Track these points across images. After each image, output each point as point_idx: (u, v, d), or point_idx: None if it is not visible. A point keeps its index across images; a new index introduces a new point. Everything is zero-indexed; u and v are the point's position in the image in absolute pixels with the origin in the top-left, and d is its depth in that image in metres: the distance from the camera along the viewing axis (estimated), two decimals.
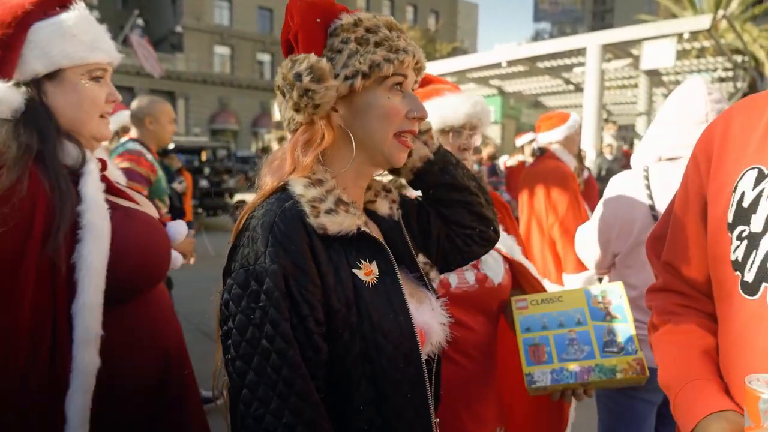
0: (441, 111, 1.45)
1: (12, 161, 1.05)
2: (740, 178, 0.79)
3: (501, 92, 12.60)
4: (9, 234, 1.00)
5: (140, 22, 19.98)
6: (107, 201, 1.16)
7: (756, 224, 0.74)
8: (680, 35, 8.15)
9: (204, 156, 12.54)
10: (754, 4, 19.68)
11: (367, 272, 0.90)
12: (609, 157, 8.08)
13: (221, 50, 34.13)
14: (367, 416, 0.86)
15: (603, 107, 10.87)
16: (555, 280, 3.07)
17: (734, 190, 0.79)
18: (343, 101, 0.90)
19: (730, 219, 0.79)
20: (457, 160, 1.11)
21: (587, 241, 1.99)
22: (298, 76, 0.86)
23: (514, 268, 1.56)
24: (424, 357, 0.92)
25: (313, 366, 0.83)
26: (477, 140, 1.55)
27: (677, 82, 11.52)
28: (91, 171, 1.17)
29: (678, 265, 0.93)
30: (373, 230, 0.99)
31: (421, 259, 1.08)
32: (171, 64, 31.46)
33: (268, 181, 0.92)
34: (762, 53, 16.42)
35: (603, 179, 7.28)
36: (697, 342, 0.86)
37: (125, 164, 2.68)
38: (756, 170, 0.77)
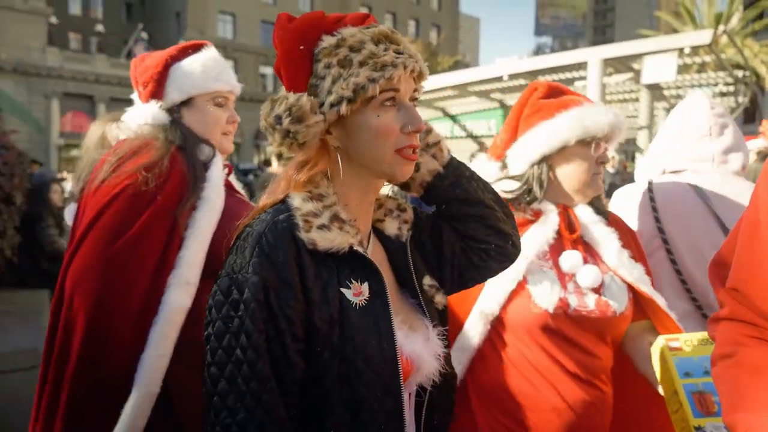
0: (583, 121, 1.37)
1: (159, 145, 1.42)
2: None
3: (502, 105, 12.61)
4: (146, 193, 1.33)
5: (144, 35, 20.20)
6: (225, 187, 1.48)
7: None
8: (681, 50, 8.17)
9: None
10: (754, 19, 19.81)
11: (357, 293, 0.87)
12: (611, 170, 8.08)
13: None
14: None
15: None
16: None
17: None
18: (336, 124, 0.88)
19: None
20: (471, 172, 1.06)
21: None
22: (278, 119, 0.85)
23: (640, 299, 1.44)
24: (407, 389, 0.89)
25: (286, 382, 0.81)
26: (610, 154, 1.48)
27: (678, 97, 11.54)
28: (216, 162, 1.50)
29: (747, 292, 0.84)
30: (376, 250, 0.97)
31: (427, 281, 1.03)
32: None
33: (264, 200, 0.92)
34: (763, 68, 16.52)
35: (606, 193, 7.27)
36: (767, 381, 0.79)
37: None
38: None
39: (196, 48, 1.60)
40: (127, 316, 1.30)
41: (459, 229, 1.03)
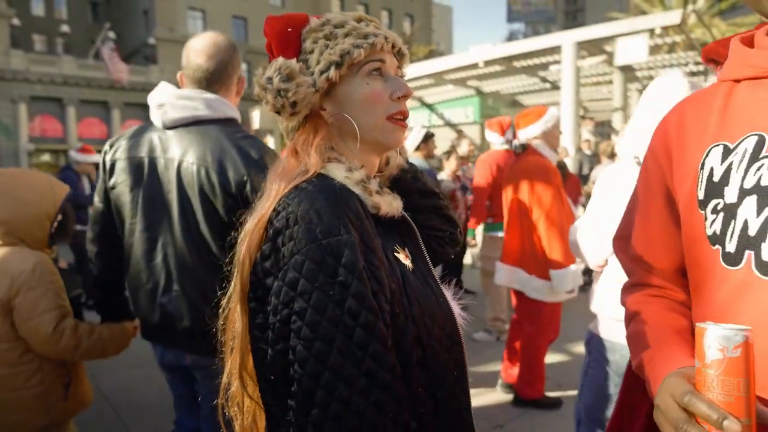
0: None
1: None
2: (706, 156, 0.80)
3: (479, 92, 12.67)
4: None
5: (112, 35, 19.69)
6: None
7: (730, 195, 0.75)
8: (652, 31, 8.29)
9: None
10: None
11: (406, 257, 0.91)
12: (588, 152, 8.19)
13: None
14: (423, 400, 0.85)
15: (580, 104, 10.99)
16: (535, 273, 3.13)
17: (701, 168, 0.80)
18: (327, 99, 0.91)
19: (700, 196, 0.80)
20: (420, 169, 1.15)
21: (588, 234, 2.00)
22: (269, 80, 0.88)
23: None
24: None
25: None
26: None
27: (650, 78, 11.71)
28: None
29: (647, 259, 0.94)
30: None
31: None
32: (145, 77, 31.02)
33: (275, 187, 0.87)
34: None
35: (585, 176, 7.35)
36: (667, 325, 0.87)
37: None
38: (721, 146, 0.79)
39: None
40: None
41: (418, 220, 1.08)
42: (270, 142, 16.40)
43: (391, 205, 0.91)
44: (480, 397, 3.47)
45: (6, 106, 26.75)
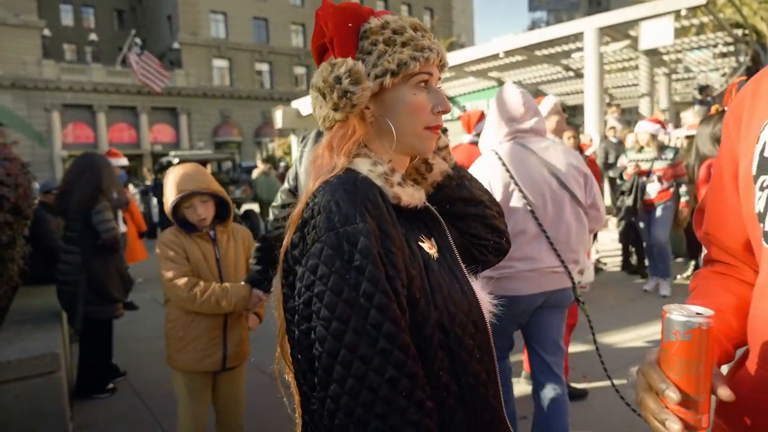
0: None
1: None
2: (763, 129, 0.76)
3: (500, 83, 12.53)
4: None
5: (138, 41, 20.13)
6: None
7: None
8: (678, 12, 8.06)
9: (209, 168, 12.59)
10: None
11: (430, 246, 0.94)
12: (614, 140, 7.99)
13: (219, 63, 34.33)
14: (445, 383, 0.88)
15: (605, 91, 10.77)
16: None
17: (757, 141, 0.77)
18: (373, 99, 0.95)
19: (754, 171, 0.76)
20: (470, 175, 1.17)
21: None
22: (338, 79, 0.91)
23: None
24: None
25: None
26: None
27: (678, 61, 11.40)
28: None
29: (717, 234, 0.92)
30: None
31: None
32: (171, 81, 31.58)
33: (310, 182, 0.94)
34: (763, 25, 16.22)
35: (612, 164, 7.17)
36: (713, 301, 0.85)
37: None
38: None
39: None
40: None
41: (461, 227, 1.12)
42: (293, 141, 16.54)
43: (412, 196, 0.94)
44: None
45: (40, 114, 27.65)
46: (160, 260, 2.22)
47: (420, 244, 0.93)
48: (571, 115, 13.55)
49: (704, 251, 1.03)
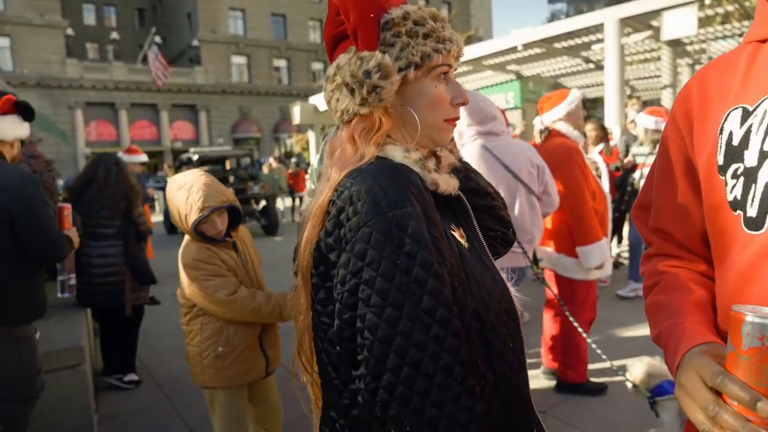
0: None
1: None
2: (725, 120, 0.78)
3: (519, 77, 12.38)
4: None
5: (158, 39, 20.40)
6: None
7: (750, 159, 0.74)
8: (702, 1, 7.87)
9: (228, 165, 12.71)
10: None
11: (461, 235, 0.94)
12: (635, 133, 7.85)
13: (238, 60, 34.56)
14: (482, 372, 0.87)
15: (626, 83, 10.57)
16: (563, 251, 3.18)
17: (720, 132, 0.79)
18: (396, 91, 0.94)
19: (720, 161, 0.78)
20: (473, 168, 1.17)
21: None
22: (368, 74, 0.89)
23: None
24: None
25: None
26: None
27: (702, 51, 11.13)
28: None
29: (667, 228, 0.94)
30: None
31: None
32: (190, 78, 31.98)
33: (334, 172, 0.92)
34: None
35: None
36: (687, 296, 0.85)
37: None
38: (740, 109, 0.77)
39: None
40: None
41: None
42: (310, 136, 16.61)
43: (448, 183, 0.94)
44: None
45: (64, 112, 28.20)
46: (199, 281, 2.04)
47: (452, 233, 0.92)
48: (591, 108, 13.35)
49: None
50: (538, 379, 3.48)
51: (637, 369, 2.29)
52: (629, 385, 2.32)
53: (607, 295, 5.28)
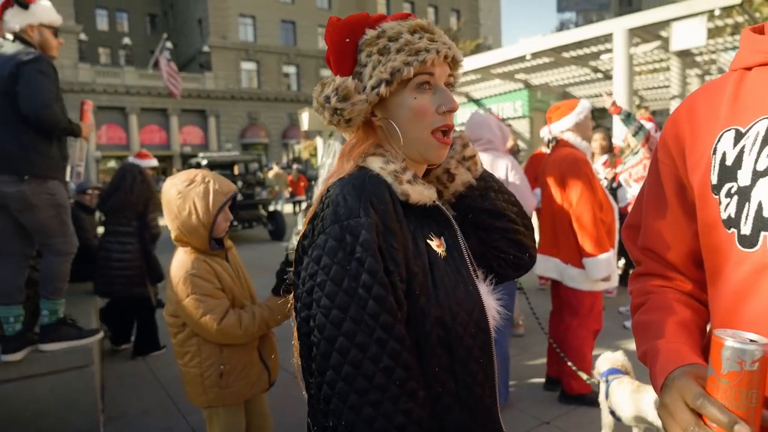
0: None
1: None
2: (718, 141, 0.81)
3: (527, 85, 12.39)
4: None
5: (169, 44, 20.59)
6: None
7: (743, 178, 0.76)
8: (711, 12, 7.87)
9: (236, 170, 12.78)
10: None
11: (438, 245, 0.96)
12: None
13: (248, 66, 34.81)
14: (441, 379, 0.90)
15: (634, 93, 10.55)
16: (570, 261, 3.17)
17: (713, 153, 0.81)
18: (379, 106, 0.98)
19: (714, 181, 0.80)
20: (499, 185, 1.15)
21: None
22: (327, 99, 0.95)
23: None
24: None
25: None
26: None
27: (712, 62, 11.10)
28: None
29: (656, 248, 0.96)
30: None
31: None
32: (200, 84, 32.23)
33: (327, 182, 0.97)
34: None
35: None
36: (672, 317, 0.87)
37: None
38: (733, 131, 0.80)
39: None
40: None
41: (483, 237, 1.12)
42: (318, 143, 16.69)
43: (421, 194, 0.95)
44: (526, 394, 3.43)
45: (76, 116, 28.25)
46: (191, 299, 1.91)
47: (428, 242, 0.94)
48: (599, 118, 13.32)
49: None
50: (543, 390, 3.47)
51: (599, 362, 2.69)
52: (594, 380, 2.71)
53: (613, 306, 5.26)
